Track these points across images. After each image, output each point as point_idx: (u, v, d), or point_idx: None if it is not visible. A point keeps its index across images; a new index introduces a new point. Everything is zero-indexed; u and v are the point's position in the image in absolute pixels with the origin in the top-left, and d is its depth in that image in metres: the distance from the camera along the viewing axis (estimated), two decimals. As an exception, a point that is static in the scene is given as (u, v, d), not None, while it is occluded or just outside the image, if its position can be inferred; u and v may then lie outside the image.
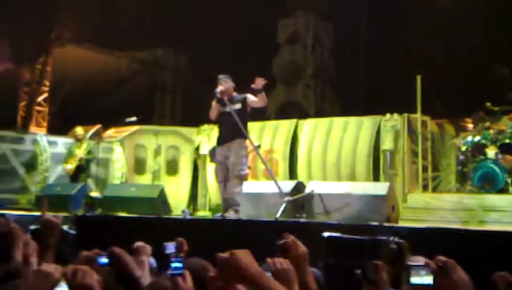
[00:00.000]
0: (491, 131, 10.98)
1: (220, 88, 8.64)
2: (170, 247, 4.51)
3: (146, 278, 3.81)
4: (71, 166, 12.04)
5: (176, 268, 2.79)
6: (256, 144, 9.01)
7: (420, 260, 5.25)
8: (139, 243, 4.21)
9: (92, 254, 3.82)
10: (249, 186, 9.19)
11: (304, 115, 15.14)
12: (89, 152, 12.09)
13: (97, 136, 12.92)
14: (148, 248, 4.18)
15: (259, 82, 8.47)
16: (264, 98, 8.71)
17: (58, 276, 2.60)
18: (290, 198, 8.40)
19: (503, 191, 10.31)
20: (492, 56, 14.10)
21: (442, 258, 2.34)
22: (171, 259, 2.85)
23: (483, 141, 10.89)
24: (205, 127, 13.34)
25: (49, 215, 4.02)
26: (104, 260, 3.73)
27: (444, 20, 14.52)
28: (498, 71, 14.57)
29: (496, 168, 10.29)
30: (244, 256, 2.47)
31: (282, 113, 16.60)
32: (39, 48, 16.42)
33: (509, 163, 10.48)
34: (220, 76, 8.82)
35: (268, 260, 2.61)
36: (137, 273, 3.68)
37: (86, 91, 17.50)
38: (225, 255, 2.47)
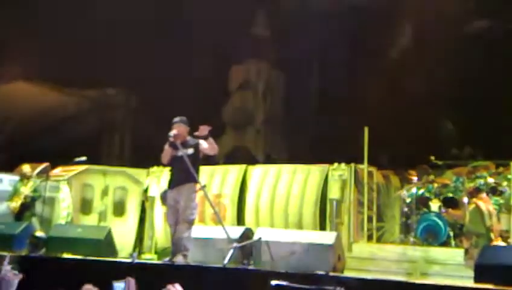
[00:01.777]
0: (435, 184, 11.31)
1: (173, 132, 8.69)
2: (119, 287, 4.52)
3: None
4: (16, 204, 11.83)
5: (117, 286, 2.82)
6: (202, 183, 9.04)
7: None
8: (87, 287, 4.18)
9: None
10: (198, 231, 9.19)
11: (253, 160, 15.27)
12: (34, 190, 11.90)
13: (44, 174, 12.72)
14: None
15: (203, 130, 8.62)
16: (214, 146, 8.81)
17: None
18: (238, 245, 8.43)
19: (445, 244, 10.58)
20: (438, 112, 14.57)
21: None
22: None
23: (427, 194, 11.20)
24: (155, 169, 13.31)
25: (8, 272, 3.97)
26: None
27: (392, 74, 14.96)
28: (443, 126, 15.04)
29: (439, 222, 10.57)
30: None
31: (232, 158, 16.69)
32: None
33: (452, 217, 10.78)
34: (176, 119, 8.87)
35: None
36: None
37: (34, 128, 17.30)
38: None
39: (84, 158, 11.63)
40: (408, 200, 11.43)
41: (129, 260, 9.03)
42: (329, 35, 15.90)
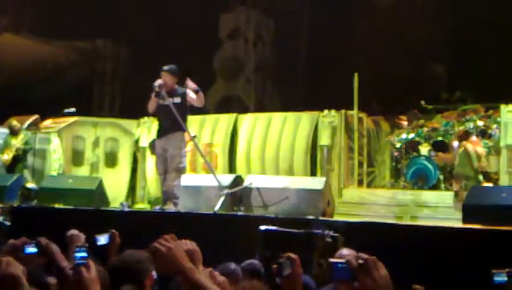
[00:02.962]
0: (425, 129, 11.34)
1: (158, 82, 8.64)
2: (101, 239, 4.52)
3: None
4: (7, 156, 11.83)
5: (81, 258, 2.82)
6: (192, 134, 9.05)
7: (344, 255, 5.43)
8: (72, 231, 4.16)
9: (19, 243, 3.81)
10: (188, 179, 9.23)
11: (243, 109, 15.25)
12: (25, 143, 11.90)
13: (34, 126, 12.69)
14: (82, 237, 4.16)
15: (190, 84, 8.60)
16: (202, 99, 8.80)
17: None
18: (229, 191, 8.47)
19: (435, 187, 10.66)
20: (428, 55, 14.51)
21: (363, 255, 2.44)
22: (76, 249, 2.88)
23: (417, 139, 11.24)
24: (145, 119, 13.28)
25: None
26: (31, 249, 3.73)
27: (382, 19, 14.84)
28: (433, 71, 15.00)
29: (429, 165, 10.63)
30: (178, 250, 2.57)
31: (222, 107, 16.66)
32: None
33: (442, 160, 10.83)
34: (165, 67, 8.81)
35: (154, 244, 2.67)
36: (63, 264, 3.69)
37: (23, 80, 17.20)
38: (160, 247, 2.57)
39: (73, 109, 11.60)
40: (398, 145, 11.48)
41: (119, 209, 9.11)
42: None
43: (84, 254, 2.84)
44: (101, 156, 13.57)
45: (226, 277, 4.83)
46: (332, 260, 2.50)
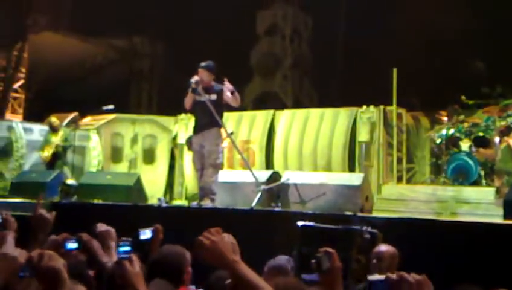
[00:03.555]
0: (466, 124, 11.14)
1: (195, 78, 8.67)
2: (145, 233, 4.52)
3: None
4: (47, 153, 11.99)
5: (124, 252, 2.82)
6: (229, 130, 9.07)
7: (383, 251, 5.35)
8: (101, 227, 4.14)
9: (60, 239, 3.83)
10: (225, 176, 9.23)
11: (281, 106, 15.21)
12: (65, 139, 12.04)
13: (74, 123, 12.85)
14: (113, 232, 4.14)
15: (227, 85, 8.63)
16: (238, 99, 8.86)
17: (23, 260, 2.63)
18: (265, 187, 8.44)
19: (476, 183, 10.47)
20: (468, 50, 14.28)
21: (404, 275, 2.38)
22: (120, 243, 2.87)
23: (458, 134, 11.04)
24: (183, 116, 13.32)
25: (43, 211, 3.99)
26: (71, 245, 3.74)
27: (421, 13, 14.65)
28: (473, 65, 14.76)
29: (470, 161, 10.44)
30: (223, 244, 2.56)
31: (260, 104, 16.65)
32: (15, 34, 16.29)
33: (483, 156, 10.64)
34: (202, 64, 8.83)
35: (200, 237, 2.66)
36: (104, 259, 3.70)
37: (63, 78, 17.42)
38: (205, 241, 2.56)
39: (111, 106, 11.69)
40: (438, 140, 11.30)
41: (157, 205, 9.15)
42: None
43: (127, 248, 2.84)
44: (140, 153, 13.67)
45: (275, 270, 4.82)
46: (371, 278, 2.46)
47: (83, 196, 9.92)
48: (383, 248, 5.57)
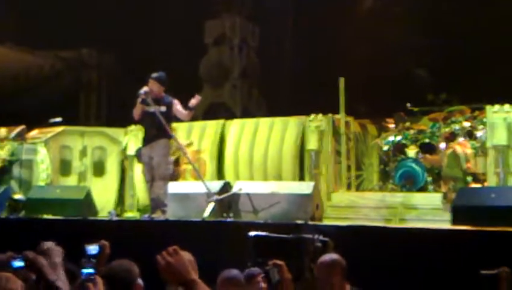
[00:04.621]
0: (412, 131, 11.38)
1: (144, 89, 8.66)
2: (91, 249, 4.49)
3: (61, 281, 3.78)
4: (-7, 167, 11.75)
5: (88, 274, 2.82)
6: (187, 141, 9.08)
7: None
8: (48, 244, 4.09)
9: (5, 258, 3.77)
10: (176, 187, 9.22)
11: (230, 115, 15.24)
12: (12, 153, 11.81)
13: (20, 137, 12.61)
14: (58, 249, 4.09)
15: (197, 100, 8.64)
16: (191, 116, 8.86)
17: None
18: (218, 197, 8.47)
19: (423, 189, 10.69)
20: (412, 58, 14.58)
21: None
22: (84, 265, 2.87)
23: (404, 141, 11.27)
24: (132, 127, 13.20)
25: None
26: (17, 263, 3.70)
27: (366, 23, 14.90)
28: (417, 73, 15.07)
29: (416, 167, 10.65)
30: (180, 263, 2.60)
31: (209, 114, 16.65)
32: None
33: (429, 162, 10.86)
34: (153, 75, 8.82)
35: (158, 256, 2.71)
36: (52, 277, 3.66)
37: (7, 91, 17.10)
38: (162, 261, 2.60)
39: (59, 119, 11.54)
40: (385, 147, 11.51)
41: (107, 218, 9.08)
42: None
43: (91, 270, 2.84)
44: (89, 166, 13.47)
45: (228, 282, 4.83)
46: None
47: (31, 211, 9.76)
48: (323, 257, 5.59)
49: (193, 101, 8.69)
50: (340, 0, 15.48)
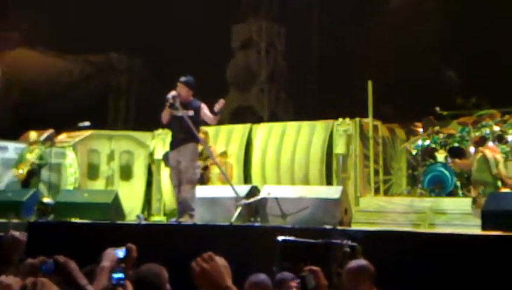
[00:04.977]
0: (441, 135, 11.24)
1: (172, 93, 8.66)
2: (119, 253, 4.50)
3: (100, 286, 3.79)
4: (22, 171, 11.84)
5: (118, 279, 2.82)
6: (221, 150, 9.06)
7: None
8: (109, 250, 4.11)
9: (37, 262, 3.79)
10: (204, 191, 9.21)
11: (257, 119, 15.23)
12: (41, 157, 11.89)
13: (49, 140, 12.70)
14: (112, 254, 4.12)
15: (221, 105, 8.62)
16: (217, 120, 8.84)
17: (17, 288, 2.61)
18: (246, 201, 8.45)
19: (452, 194, 10.55)
20: (441, 61, 14.43)
21: None
22: (114, 269, 2.87)
23: (433, 145, 11.14)
24: (160, 131, 13.27)
25: (15, 232, 3.93)
26: (48, 267, 3.71)
27: (395, 26, 14.78)
28: (447, 76, 14.91)
29: (446, 172, 10.52)
30: (215, 270, 2.58)
31: (236, 117, 16.65)
32: (-11, 51, 16.16)
33: (459, 166, 10.73)
34: (182, 79, 8.82)
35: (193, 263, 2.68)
36: (82, 282, 3.67)
37: (38, 95, 17.28)
38: (196, 268, 2.57)
39: (87, 123, 11.62)
40: (414, 152, 11.39)
41: (136, 222, 9.10)
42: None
43: (121, 275, 2.83)
44: (116, 169, 13.56)
45: (255, 286, 4.80)
46: None
47: (59, 214, 9.82)
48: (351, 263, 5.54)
49: (217, 106, 8.67)
50: (368, 2, 15.38)
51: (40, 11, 16.27)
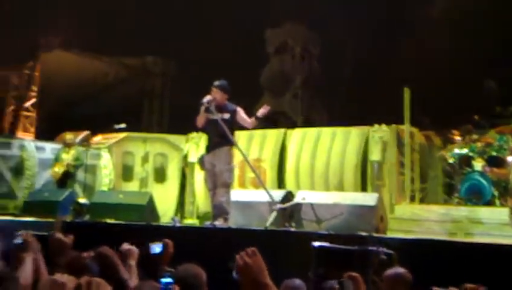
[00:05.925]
0: (479, 144, 11.09)
1: (207, 97, 8.67)
2: (156, 248, 4.51)
3: (133, 282, 3.80)
4: (58, 171, 11.96)
5: (167, 284, 2.84)
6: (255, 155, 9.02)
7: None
8: (126, 246, 4.14)
9: (82, 255, 3.81)
10: (238, 195, 9.20)
11: (291, 124, 15.18)
12: (76, 158, 12.00)
13: (85, 142, 12.84)
14: (135, 251, 4.14)
15: (266, 110, 8.62)
16: (255, 124, 8.83)
17: (72, 286, 2.63)
18: (282, 206, 8.41)
19: (490, 203, 10.39)
20: (480, 70, 14.24)
21: None
22: (163, 274, 2.89)
23: (471, 154, 10.99)
24: (194, 135, 13.33)
25: (60, 235, 3.96)
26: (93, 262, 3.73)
27: (433, 32, 14.63)
28: (486, 84, 14.71)
29: (483, 181, 10.37)
30: (258, 265, 2.58)
31: (269, 122, 16.60)
32: (28, 52, 16.36)
33: (496, 175, 10.57)
34: (216, 83, 8.83)
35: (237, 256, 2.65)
36: (125, 276, 3.68)
37: (74, 97, 17.46)
38: (240, 261, 2.57)
39: (123, 125, 11.71)
40: (451, 160, 11.24)
41: (170, 224, 9.11)
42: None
43: (169, 280, 2.87)
44: (150, 172, 13.65)
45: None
46: None
47: (94, 215, 9.89)
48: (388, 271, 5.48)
49: (262, 111, 8.68)
50: (407, 7, 15.24)
51: (77, 14, 16.43)
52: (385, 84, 13.87)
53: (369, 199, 8.56)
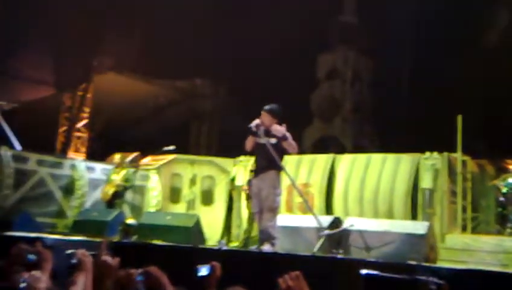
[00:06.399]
0: (534, 173, 10.82)
1: (255, 122, 8.64)
2: (203, 270, 4.46)
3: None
4: (108, 192, 12.08)
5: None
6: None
7: None
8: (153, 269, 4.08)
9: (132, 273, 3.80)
10: (286, 220, 9.12)
11: (340, 150, 15.07)
12: (126, 179, 12.12)
13: (135, 163, 12.96)
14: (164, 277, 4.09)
15: (279, 131, 8.54)
16: (293, 146, 8.71)
17: None
18: (330, 232, 8.30)
19: (544, 235, 10.10)
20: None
21: None
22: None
23: (525, 184, 10.71)
24: (242, 158, 13.32)
25: (106, 257, 3.93)
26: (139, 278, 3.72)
27: (487, 59, 14.39)
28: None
29: (537, 212, 10.10)
30: (301, 287, 2.56)
31: (319, 147, 16.54)
32: (81, 74, 16.68)
33: (551, 207, 10.28)
34: (266, 107, 8.79)
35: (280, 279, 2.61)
36: None
37: (125, 118, 17.69)
38: (282, 284, 2.56)
39: (173, 147, 11.77)
40: (504, 189, 10.96)
41: (217, 247, 9.08)
42: (420, 19, 15.54)
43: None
44: (198, 194, 13.69)
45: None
46: None
47: (142, 235, 9.93)
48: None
49: (279, 129, 8.58)
50: (460, 35, 15.04)
51: (128, 37, 16.70)
52: (437, 111, 13.67)
53: (419, 227, 8.40)
